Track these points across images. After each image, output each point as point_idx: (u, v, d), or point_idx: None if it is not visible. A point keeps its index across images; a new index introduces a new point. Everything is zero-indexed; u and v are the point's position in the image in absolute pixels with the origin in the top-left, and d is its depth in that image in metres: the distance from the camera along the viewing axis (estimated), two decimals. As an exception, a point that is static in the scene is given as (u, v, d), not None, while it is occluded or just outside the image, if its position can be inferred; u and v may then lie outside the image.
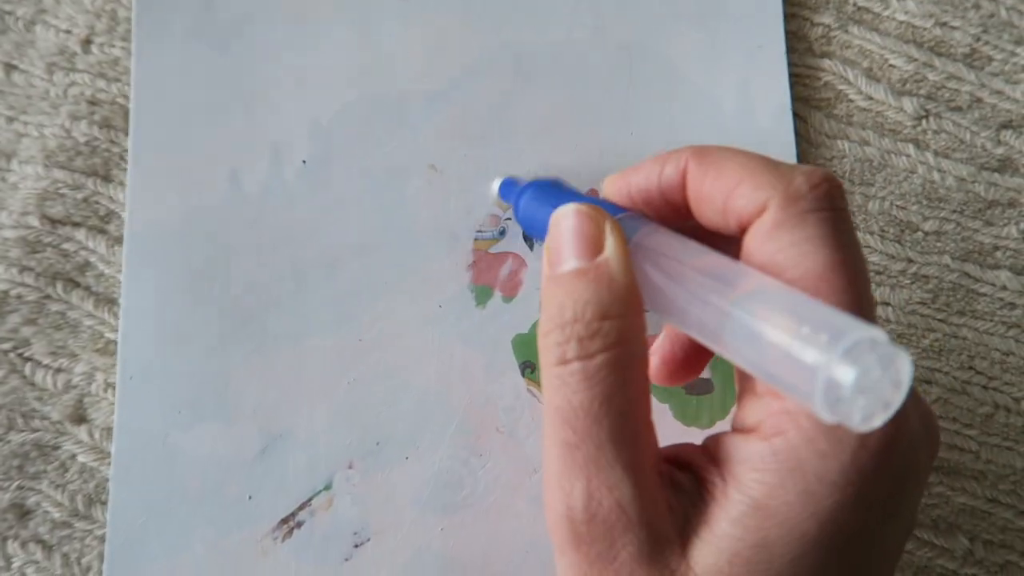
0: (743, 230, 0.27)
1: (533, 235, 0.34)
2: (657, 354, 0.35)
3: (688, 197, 0.29)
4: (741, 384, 0.28)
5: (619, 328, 0.26)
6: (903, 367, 0.22)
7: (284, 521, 0.39)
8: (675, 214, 0.30)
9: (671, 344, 0.35)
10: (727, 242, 0.28)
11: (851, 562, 0.25)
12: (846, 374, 0.21)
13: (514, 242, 0.41)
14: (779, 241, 0.25)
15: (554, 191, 0.35)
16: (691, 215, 0.30)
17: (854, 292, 0.25)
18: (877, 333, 0.21)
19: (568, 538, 0.25)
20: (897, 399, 0.22)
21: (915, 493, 0.27)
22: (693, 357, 0.35)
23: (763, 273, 0.25)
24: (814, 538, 0.24)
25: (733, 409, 0.34)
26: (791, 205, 0.26)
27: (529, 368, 0.41)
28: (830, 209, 0.26)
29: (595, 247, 0.27)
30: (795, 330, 0.22)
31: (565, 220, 0.28)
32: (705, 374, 0.41)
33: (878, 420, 0.22)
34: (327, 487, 0.39)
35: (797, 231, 0.25)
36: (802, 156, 0.44)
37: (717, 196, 0.27)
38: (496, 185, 0.40)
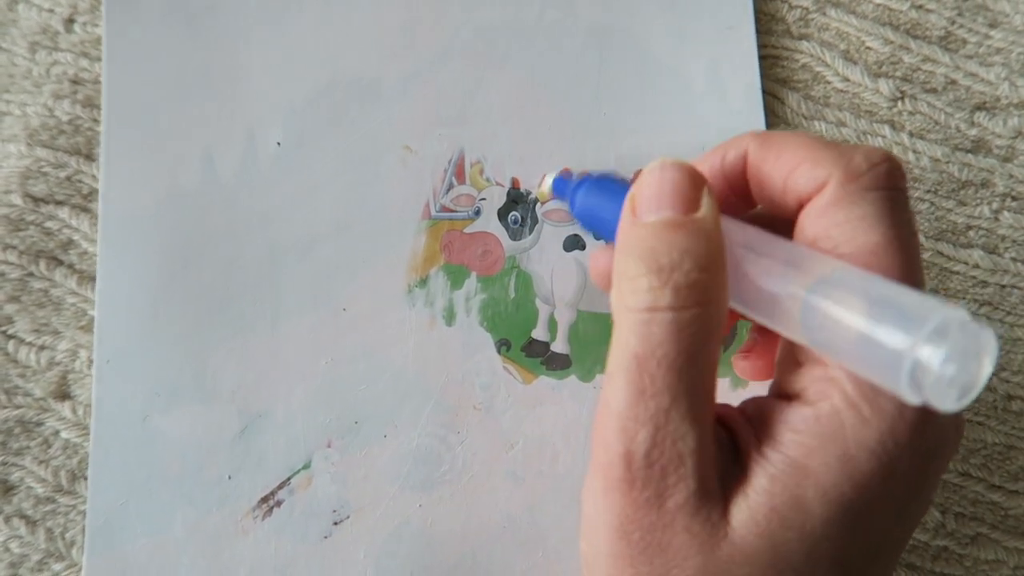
0: (801, 209, 0.26)
1: (593, 229, 0.32)
2: None
3: (749, 179, 0.28)
4: (783, 352, 0.27)
5: (713, 286, 0.25)
6: (988, 343, 0.21)
7: (264, 500, 0.38)
8: (737, 203, 0.29)
9: None
10: (786, 229, 0.27)
11: (878, 529, 0.25)
12: (933, 355, 0.20)
13: (489, 222, 0.41)
14: (835, 217, 0.25)
15: (615, 183, 0.32)
16: (752, 203, 0.29)
17: (907, 271, 0.24)
18: (960, 312, 0.21)
19: (620, 479, 0.25)
20: (982, 376, 0.21)
21: (938, 474, 0.26)
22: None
23: (828, 254, 0.25)
24: (849, 501, 0.24)
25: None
26: (851, 182, 0.25)
27: (505, 346, 0.40)
28: (888, 188, 0.25)
29: (692, 203, 0.26)
30: (876, 313, 0.22)
31: (664, 171, 0.26)
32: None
33: (966, 398, 0.21)
34: (306, 466, 0.38)
35: (855, 208, 0.25)
36: None
37: (778, 176, 0.27)
38: (549, 180, 0.37)
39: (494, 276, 0.40)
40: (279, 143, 0.40)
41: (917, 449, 0.24)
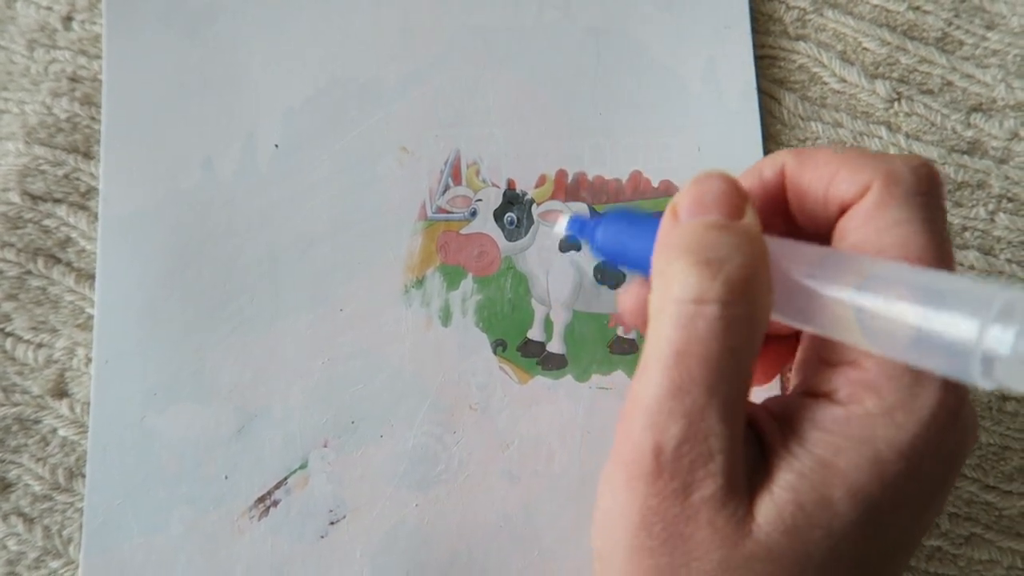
0: (842, 216, 0.26)
1: (620, 263, 0.31)
2: None
3: (788, 194, 0.28)
4: (809, 352, 0.27)
5: (761, 288, 0.24)
6: None
7: (260, 500, 0.38)
8: (776, 223, 0.29)
9: None
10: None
11: (899, 528, 0.25)
12: (1003, 335, 0.20)
13: (485, 223, 0.41)
14: (879, 221, 0.25)
15: (634, 216, 0.31)
16: (791, 221, 0.29)
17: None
18: (1022, 292, 0.20)
19: (648, 471, 0.24)
20: None
21: (955, 476, 0.26)
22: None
23: (877, 256, 0.24)
24: (876, 502, 0.24)
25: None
26: (894, 185, 0.25)
27: (501, 346, 0.40)
28: (930, 194, 0.25)
29: (738, 211, 0.26)
30: (935, 303, 0.21)
31: (710, 180, 0.26)
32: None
33: None
34: (303, 466, 0.38)
35: (899, 211, 0.25)
36: (775, 137, 0.43)
37: (818, 186, 0.27)
38: (564, 220, 0.35)
39: (490, 277, 0.40)
40: (277, 145, 0.40)
41: (941, 450, 0.24)
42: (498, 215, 0.40)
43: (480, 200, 0.40)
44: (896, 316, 0.22)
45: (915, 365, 0.23)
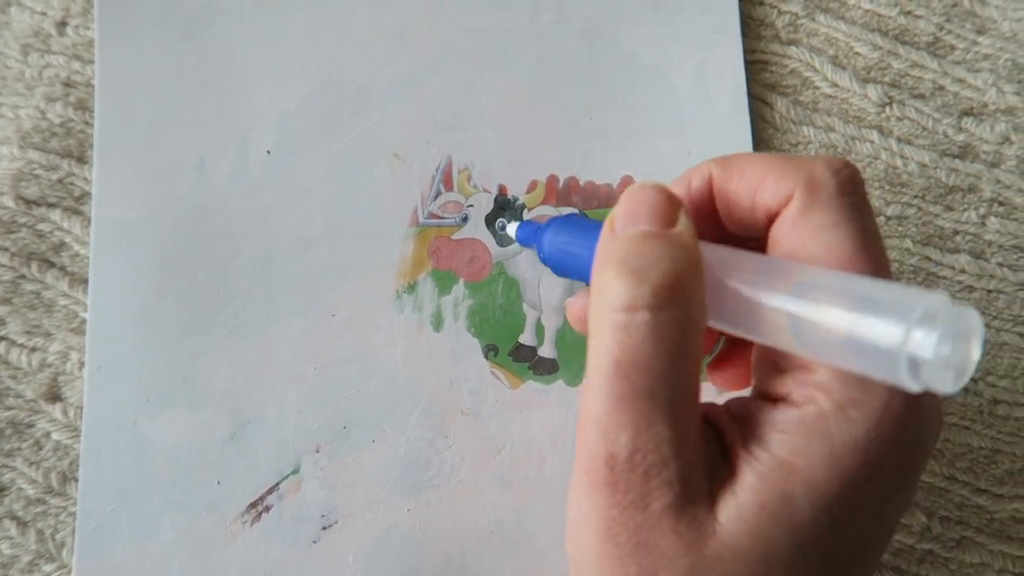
0: (771, 223, 0.27)
1: (564, 271, 0.31)
2: None
3: (717, 203, 0.28)
4: (761, 359, 0.27)
5: (692, 291, 0.25)
6: (974, 323, 0.21)
7: (253, 505, 0.37)
8: (707, 230, 0.29)
9: None
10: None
11: (863, 524, 0.25)
12: (927, 339, 0.20)
13: (476, 229, 0.40)
14: (806, 226, 0.25)
15: (582, 221, 0.32)
16: (721, 229, 0.29)
17: (880, 272, 0.24)
18: (942, 296, 0.21)
19: (604, 482, 0.24)
20: (974, 355, 0.21)
21: (920, 467, 0.26)
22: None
23: (807, 263, 0.25)
24: (834, 497, 0.24)
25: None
26: (817, 191, 0.25)
27: (492, 351, 0.40)
28: (852, 194, 0.25)
29: (670, 220, 0.26)
30: (863, 309, 0.22)
31: (643, 192, 0.26)
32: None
33: (962, 379, 0.21)
34: (295, 471, 0.38)
35: (824, 215, 0.25)
36: (767, 142, 0.43)
37: (744, 194, 0.27)
38: (512, 228, 0.37)
39: (482, 282, 0.40)
40: (269, 151, 0.40)
41: (901, 443, 0.24)
42: (489, 220, 0.40)
43: (471, 206, 0.40)
44: (826, 322, 0.22)
45: (847, 369, 0.24)
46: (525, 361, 0.39)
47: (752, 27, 0.44)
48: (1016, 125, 0.43)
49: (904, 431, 0.24)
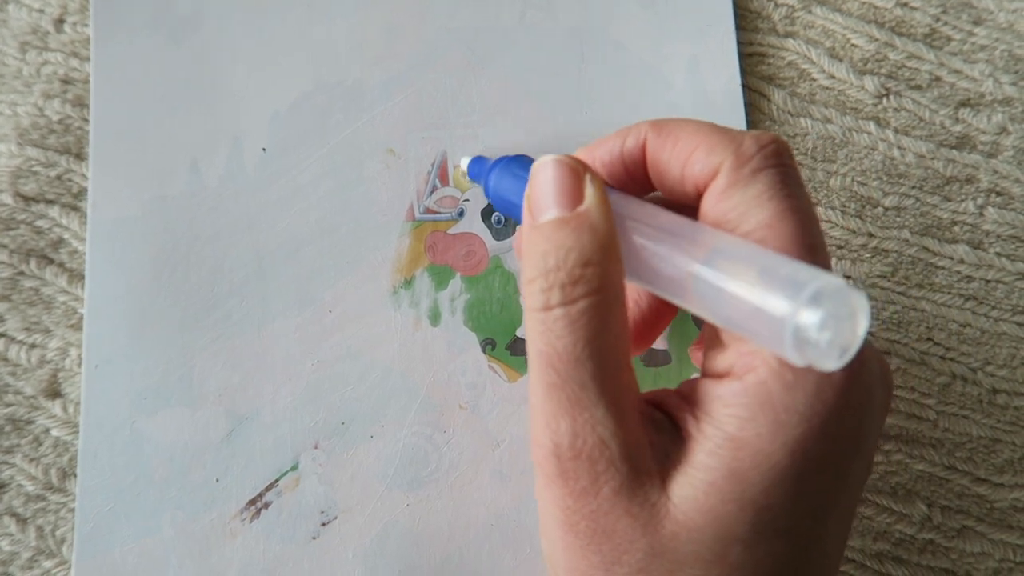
0: (700, 195, 0.27)
1: (504, 212, 0.32)
2: None
3: (648, 167, 0.29)
4: (708, 337, 0.28)
5: (600, 275, 0.25)
6: (860, 306, 0.22)
7: (251, 502, 0.37)
8: (638, 186, 0.30)
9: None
10: (686, 213, 0.27)
11: (819, 493, 0.25)
12: (811, 318, 0.21)
13: (472, 223, 0.40)
14: (732, 199, 0.25)
15: (524, 164, 0.33)
16: (652, 186, 0.29)
17: (804, 237, 0.25)
18: (834, 279, 0.22)
19: (555, 472, 0.25)
20: (859, 336, 0.22)
21: (874, 430, 0.26)
22: (651, 324, 0.34)
23: (721, 230, 0.25)
24: (784, 468, 0.24)
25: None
26: (742, 165, 0.26)
27: (490, 345, 0.39)
28: (777, 166, 0.26)
29: (576, 197, 0.26)
30: (760, 282, 0.22)
31: (545, 171, 0.27)
32: (661, 345, 0.40)
33: (845, 358, 0.22)
34: (293, 467, 0.37)
35: (748, 188, 0.25)
36: None
37: (675, 164, 0.27)
38: (465, 163, 0.38)
39: (478, 276, 0.39)
40: (264, 149, 0.40)
41: (847, 408, 0.24)
42: (485, 215, 0.40)
43: (467, 200, 0.40)
44: (728, 291, 0.23)
45: (743, 336, 0.24)
46: (523, 355, 0.39)
47: (749, 20, 0.43)
48: (1013, 115, 0.43)
49: (848, 395, 0.24)
